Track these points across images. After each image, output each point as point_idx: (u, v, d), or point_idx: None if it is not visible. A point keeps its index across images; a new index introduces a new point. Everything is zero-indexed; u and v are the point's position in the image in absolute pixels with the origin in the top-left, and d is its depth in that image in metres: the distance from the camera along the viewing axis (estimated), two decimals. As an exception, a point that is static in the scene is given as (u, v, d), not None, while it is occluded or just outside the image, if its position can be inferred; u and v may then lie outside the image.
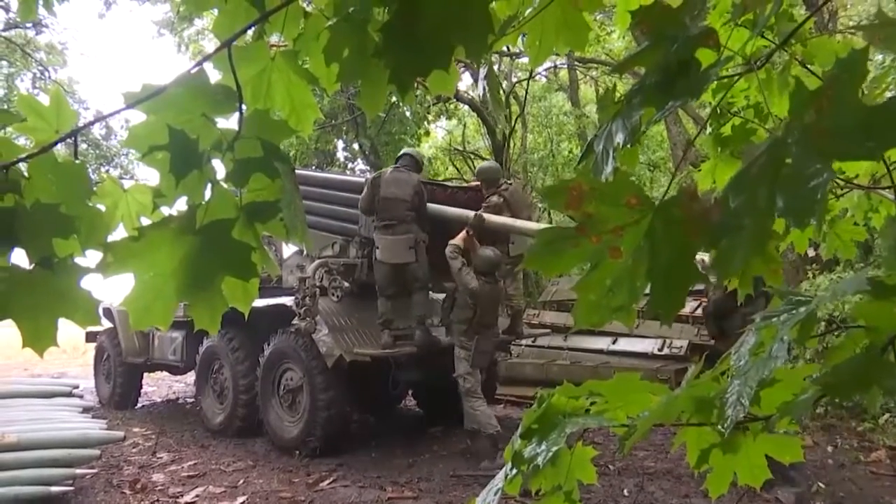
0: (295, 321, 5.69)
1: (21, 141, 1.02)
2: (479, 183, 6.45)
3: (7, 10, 13.09)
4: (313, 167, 13.29)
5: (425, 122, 14.81)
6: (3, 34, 14.11)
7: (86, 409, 6.24)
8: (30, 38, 15.32)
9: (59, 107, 0.94)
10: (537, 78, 15.82)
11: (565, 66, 15.13)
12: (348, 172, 13.93)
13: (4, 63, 15.43)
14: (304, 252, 7.02)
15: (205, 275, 0.91)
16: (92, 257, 0.92)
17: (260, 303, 6.41)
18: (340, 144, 15.37)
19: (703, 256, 1.38)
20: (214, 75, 1.13)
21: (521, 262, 5.65)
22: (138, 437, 7.03)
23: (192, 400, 8.79)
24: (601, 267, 0.79)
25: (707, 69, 0.78)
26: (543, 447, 1.04)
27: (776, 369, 0.81)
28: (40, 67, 15.70)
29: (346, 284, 6.30)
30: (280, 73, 1.15)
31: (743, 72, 1.28)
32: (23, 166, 0.87)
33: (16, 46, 14.81)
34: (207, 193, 0.93)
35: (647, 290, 0.85)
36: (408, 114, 13.88)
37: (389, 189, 5.77)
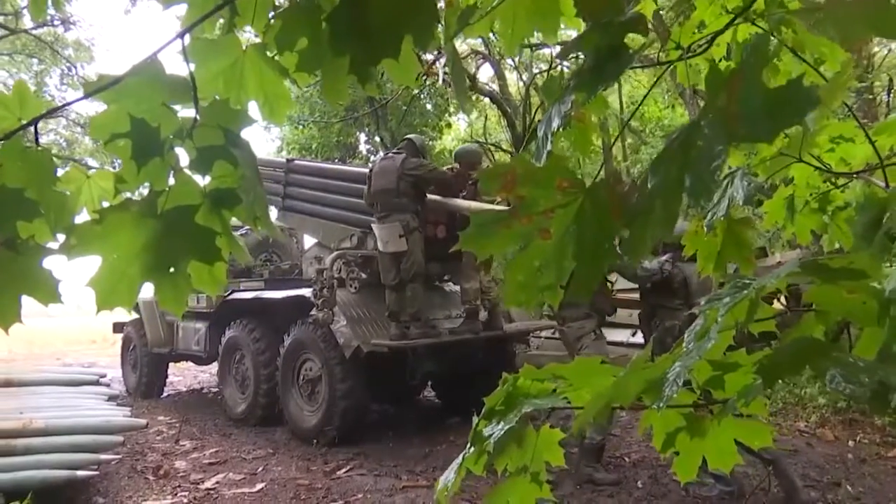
0: (313, 312, 5.77)
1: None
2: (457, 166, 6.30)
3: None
4: (336, 160, 13.39)
5: (447, 115, 14.82)
6: (33, 32, 14.45)
7: (111, 398, 6.40)
8: (58, 36, 15.68)
9: (21, 97, 0.99)
10: (559, 69, 15.69)
11: (588, 56, 14.96)
12: (370, 165, 13.99)
13: (34, 60, 15.82)
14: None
15: (168, 258, 0.95)
16: (62, 240, 0.96)
17: (279, 294, 6.55)
18: (363, 137, 15.47)
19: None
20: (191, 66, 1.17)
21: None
22: (162, 424, 7.21)
23: (215, 389, 8.97)
24: (530, 248, 0.81)
25: (632, 54, 0.79)
26: (500, 426, 1.06)
27: (709, 350, 0.83)
28: (68, 64, 16.06)
29: (364, 276, 6.35)
30: (252, 65, 1.18)
31: (676, 59, 1.27)
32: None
33: (45, 44, 15.17)
34: (171, 180, 0.97)
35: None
36: (429, 106, 13.90)
37: (378, 181, 5.81)
